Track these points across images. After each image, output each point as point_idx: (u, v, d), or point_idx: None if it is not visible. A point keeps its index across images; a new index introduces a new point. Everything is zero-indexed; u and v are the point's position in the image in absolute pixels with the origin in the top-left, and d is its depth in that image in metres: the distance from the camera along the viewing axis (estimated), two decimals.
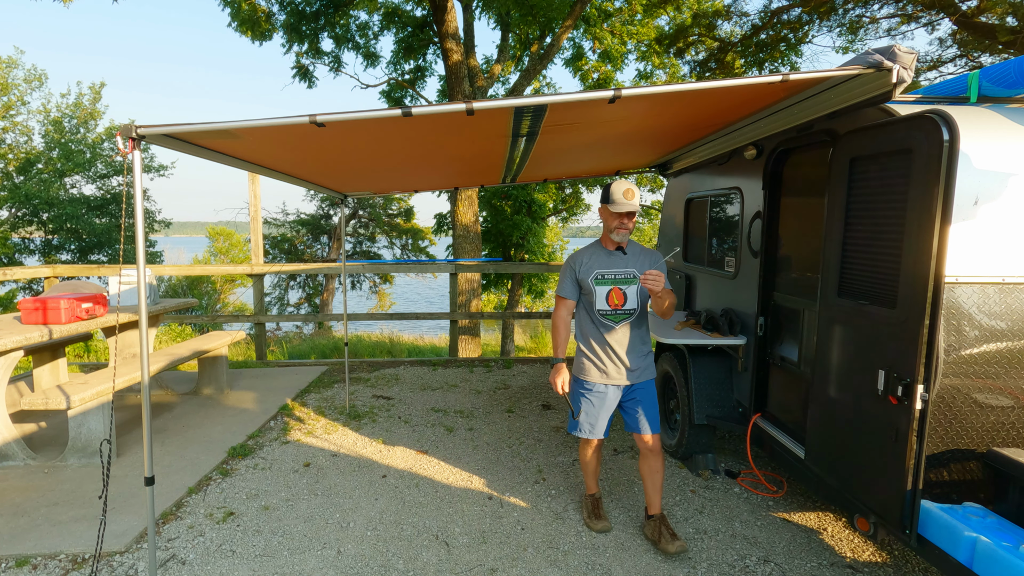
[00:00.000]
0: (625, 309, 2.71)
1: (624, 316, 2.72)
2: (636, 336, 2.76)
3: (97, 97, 13.51)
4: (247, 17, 8.76)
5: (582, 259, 2.76)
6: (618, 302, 2.70)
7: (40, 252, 12.74)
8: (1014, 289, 2.14)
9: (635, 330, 2.76)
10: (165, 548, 2.80)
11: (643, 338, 2.81)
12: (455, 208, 9.03)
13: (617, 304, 2.70)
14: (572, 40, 10.91)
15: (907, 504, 2.10)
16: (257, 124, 2.17)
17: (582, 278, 2.74)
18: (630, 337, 2.74)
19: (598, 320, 2.74)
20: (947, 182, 1.94)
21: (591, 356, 2.78)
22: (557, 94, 2.17)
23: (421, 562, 2.71)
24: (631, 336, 2.74)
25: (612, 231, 2.66)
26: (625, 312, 2.72)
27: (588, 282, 2.72)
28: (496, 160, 3.94)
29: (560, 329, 2.84)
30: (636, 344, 2.76)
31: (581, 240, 40.51)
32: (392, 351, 9.78)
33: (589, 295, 2.74)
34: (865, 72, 2.18)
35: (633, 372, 2.76)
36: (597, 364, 2.77)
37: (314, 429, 4.44)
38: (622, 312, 2.72)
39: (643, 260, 2.73)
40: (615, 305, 2.70)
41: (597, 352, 2.76)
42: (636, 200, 2.55)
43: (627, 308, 2.71)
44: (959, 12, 7.07)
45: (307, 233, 16.69)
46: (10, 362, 3.67)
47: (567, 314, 2.84)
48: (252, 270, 6.59)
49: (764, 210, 3.35)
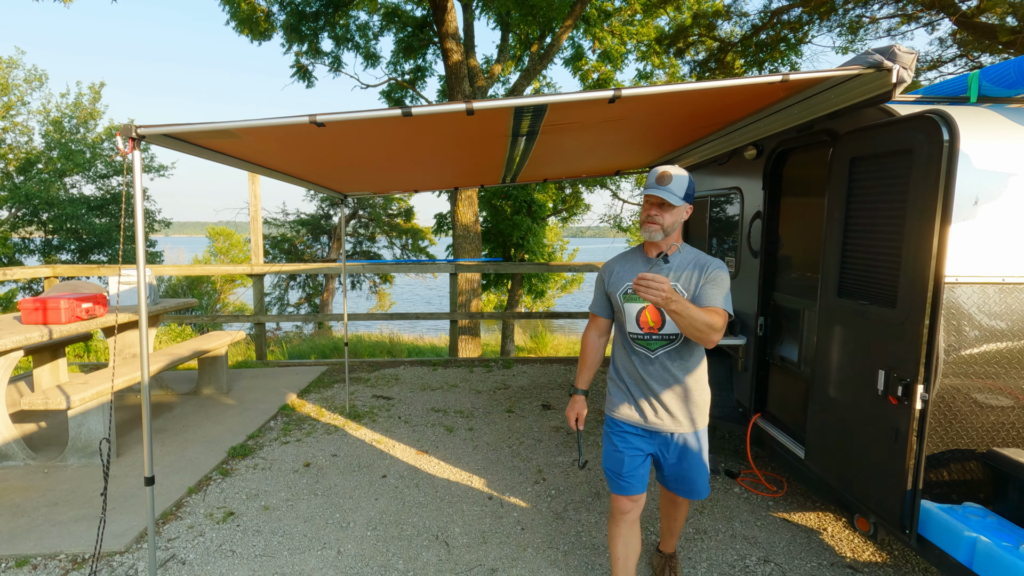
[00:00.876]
0: (664, 334, 2.07)
1: (662, 343, 2.08)
2: (681, 369, 2.09)
3: (97, 97, 13.52)
4: (246, 16, 8.77)
5: (613, 268, 2.19)
6: (653, 324, 2.07)
7: (40, 252, 12.75)
8: (1014, 289, 2.14)
9: (680, 361, 2.09)
10: (165, 548, 2.80)
11: (693, 373, 2.12)
12: (455, 208, 9.03)
13: (652, 326, 2.07)
14: (572, 40, 10.91)
15: (907, 504, 2.10)
16: (257, 124, 2.17)
17: (611, 291, 2.17)
18: (674, 371, 2.09)
19: (630, 347, 2.15)
20: (947, 182, 1.94)
21: (623, 389, 2.20)
22: (557, 94, 2.17)
23: (421, 562, 2.70)
24: (675, 369, 2.09)
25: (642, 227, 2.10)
26: (664, 338, 2.07)
27: (616, 297, 2.15)
28: (496, 160, 3.94)
29: (587, 352, 2.29)
30: (682, 381, 2.10)
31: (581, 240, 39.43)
32: (392, 351, 9.78)
33: (619, 314, 2.16)
34: (865, 72, 2.18)
35: (676, 418, 2.11)
36: (629, 400, 2.17)
37: (314, 429, 4.43)
38: (659, 338, 2.07)
39: (690, 272, 2.04)
40: (649, 327, 2.07)
41: (629, 386, 2.17)
42: (674, 185, 1.96)
43: (666, 332, 2.06)
44: (959, 12, 7.07)
45: (307, 233, 16.69)
46: (10, 362, 3.66)
47: (597, 336, 2.29)
48: (252, 270, 6.59)
49: (764, 210, 3.35)
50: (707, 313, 1.84)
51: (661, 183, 1.96)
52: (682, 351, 2.09)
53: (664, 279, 1.72)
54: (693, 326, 1.81)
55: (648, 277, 1.73)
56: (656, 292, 1.71)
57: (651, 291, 1.71)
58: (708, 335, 1.84)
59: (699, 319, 1.80)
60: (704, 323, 1.81)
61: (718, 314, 1.88)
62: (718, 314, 1.88)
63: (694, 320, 1.79)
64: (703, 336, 1.85)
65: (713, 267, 2.02)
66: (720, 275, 2.00)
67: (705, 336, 1.85)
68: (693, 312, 1.78)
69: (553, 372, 6.21)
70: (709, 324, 1.82)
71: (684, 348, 2.09)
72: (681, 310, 1.76)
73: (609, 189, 14.11)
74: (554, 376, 6.04)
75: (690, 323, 1.80)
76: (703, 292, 1.97)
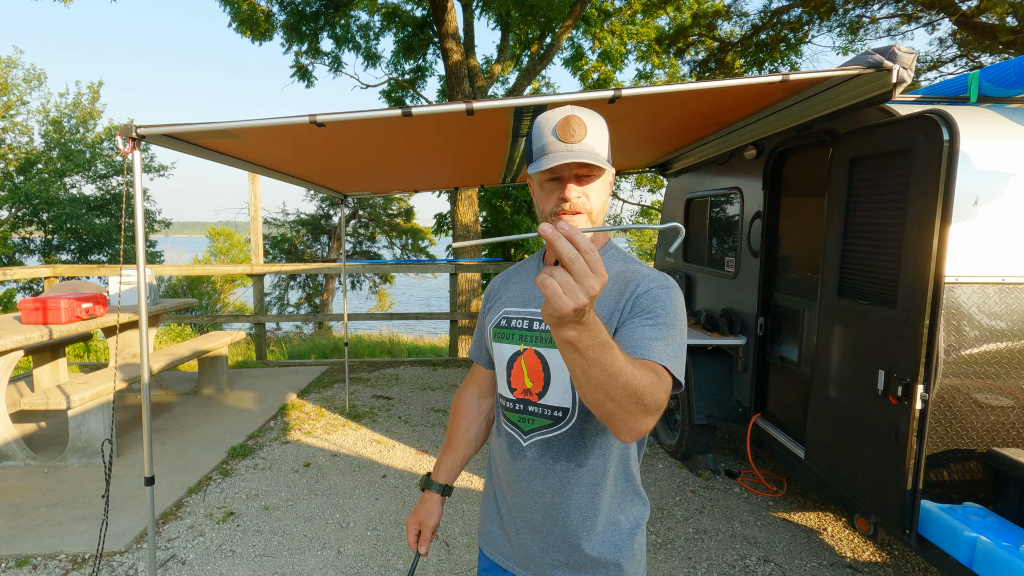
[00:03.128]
0: (545, 404, 1.12)
1: (541, 422, 1.13)
2: (566, 479, 1.11)
3: (96, 97, 13.51)
4: (247, 17, 8.77)
5: (497, 286, 1.30)
6: (531, 383, 1.13)
7: (40, 252, 12.75)
8: (1014, 289, 2.14)
9: (565, 463, 1.11)
10: (165, 548, 2.80)
11: (591, 488, 1.11)
12: (455, 208, 9.03)
13: (529, 388, 1.13)
14: (572, 40, 10.90)
15: (907, 504, 2.10)
16: (257, 124, 2.18)
17: (486, 322, 1.27)
18: (551, 478, 1.12)
19: (499, 423, 1.24)
20: (947, 182, 1.95)
21: (490, 495, 1.30)
22: (557, 94, 2.18)
23: (421, 562, 2.71)
24: (554, 476, 1.12)
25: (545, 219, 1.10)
26: (544, 412, 1.12)
27: (487, 332, 1.27)
28: (496, 160, 3.94)
29: (455, 423, 1.39)
30: (563, 501, 1.12)
31: None
32: (392, 351, 9.77)
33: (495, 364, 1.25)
34: (865, 72, 2.18)
35: (539, 562, 1.16)
36: (494, 515, 1.26)
37: (314, 429, 4.43)
38: (536, 411, 1.13)
39: (607, 290, 1.10)
40: (524, 390, 1.14)
41: (497, 491, 1.26)
42: (592, 138, 1.04)
43: (548, 403, 1.12)
44: (959, 12, 7.07)
45: (307, 233, 16.69)
46: (10, 362, 3.66)
47: (475, 397, 1.39)
48: (252, 270, 6.59)
49: (764, 210, 3.35)
50: (634, 365, 0.83)
51: (573, 138, 1.03)
52: (572, 443, 1.10)
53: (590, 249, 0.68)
54: (600, 386, 0.80)
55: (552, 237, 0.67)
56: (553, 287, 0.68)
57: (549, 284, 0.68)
58: (628, 411, 0.83)
59: (615, 374, 0.79)
60: (625, 385, 0.80)
61: (653, 372, 0.90)
62: (653, 372, 0.90)
63: (606, 373, 0.78)
64: (618, 412, 0.83)
65: (648, 284, 1.06)
66: (661, 299, 1.04)
67: (623, 412, 0.84)
68: (607, 357, 0.78)
69: None
70: (633, 390, 0.81)
71: (577, 438, 1.10)
72: (587, 343, 0.75)
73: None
74: None
75: (596, 378, 0.79)
76: (629, 330, 1.01)
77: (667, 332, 1.01)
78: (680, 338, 1.03)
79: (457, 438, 1.37)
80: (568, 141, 1.03)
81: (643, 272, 1.11)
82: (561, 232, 0.67)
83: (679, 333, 1.04)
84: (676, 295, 1.07)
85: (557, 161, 1.02)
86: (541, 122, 1.08)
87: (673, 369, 0.97)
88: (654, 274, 1.11)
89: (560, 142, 1.04)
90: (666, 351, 0.98)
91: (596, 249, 0.69)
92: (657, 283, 1.07)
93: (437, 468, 1.37)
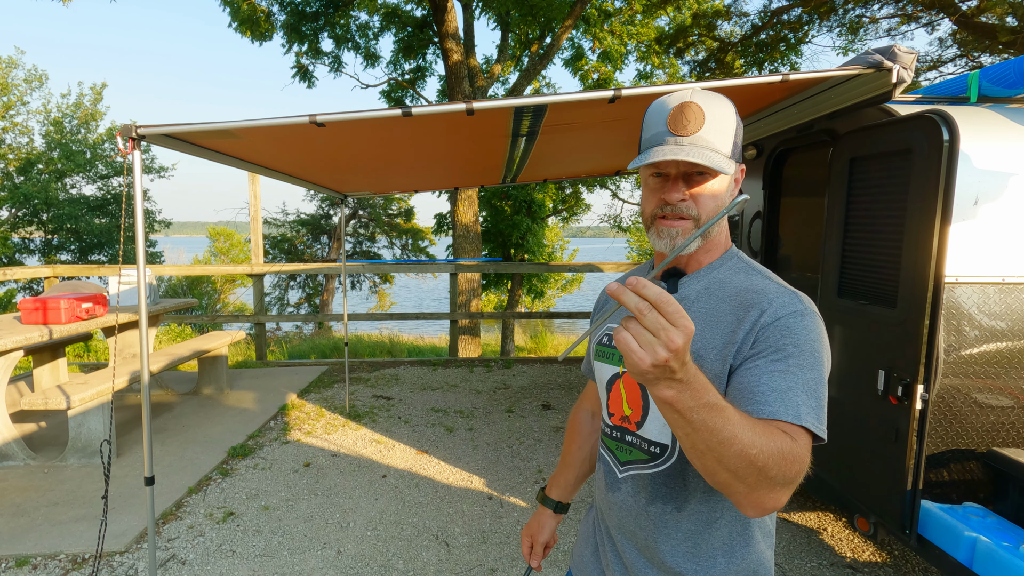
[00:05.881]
0: (642, 437, 0.98)
1: (639, 457, 0.99)
2: (663, 518, 0.96)
3: (98, 98, 13.52)
4: (247, 17, 8.78)
5: (605, 295, 1.10)
6: (630, 410, 1.01)
7: (40, 252, 12.75)
8: (1014, 289, 2.14)
9: (662, 504, 0.96)
10: (165, 548, 2.80)
11: (696, 537, 0.95)
12: (455, 208, 9.03)
13: (628, 415, 1.01)
14: (572, 40, 10.91)
15: (907, 504, 2.11)
16: (257, 124, 2.18)
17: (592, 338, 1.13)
18: (646, 516, 0.98)
19: (601, 448, 1.11)
20: (947, 182, 1.95)
21: (589, 523, 1.21)
22: (557, 94, 2.18)
23: (421, 562, 2.70)
24: (649, 514, 0.98)
25: (649, 227, 0.97)
26: (641, 446, 0.99)
27: (589, 352, 1.16)
28: (496, 160, 3.94)
29: (570, 439, 1.34)
30: (658, 538, 0.97)
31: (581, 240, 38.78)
32: (392, 351, 9.77)
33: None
34: (865, 72, 2.18)
35: None
36: (588, 540, 1.18)
37: (314, 429, 4.43)
38: (634, 441, 1.00)
39: (722, 316, 0.90)
40: (622, 416, 1.02)
41: (596, 520, 1.17)
42: (711, 131, 0.89)
43: (646, 435, 0.97)
44: (959, 12, 7.07)
45: (307, 233, 16.69)
46: (10, 362, 3.66)
47: (588, 414, 1.34)
48: (252, 270, 6.59)
49: (764, 210, 3.35)
50: (755, 430, 0.71)
51: (685, 130, 0.89)
52: (671, 483, 0.95)
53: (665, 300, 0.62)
54: (710, 452, 0.70)
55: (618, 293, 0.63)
56: (627, 342, 0.63)
57: (622, 337, 0.64)
58: (748, 483, 0.71)
59: (728, 441, 0.68)
60: (741, 454, 0.69)
61: (786, 435, 0.75)
62: (786, 435, 0.75)
63: (716, 438, 0.68)
64: (735, 484, 0.72)
65: (776, 311, 0.86)
66: (795, 331, 0.84)
67: (741, 485, 0.72)
68: (716, 421, 0.67)
69: (553, 372, 6.21)
70: (753, 460, 0.69)
71: (677, 479, 0.95)
72: (688, 404, 0.66)
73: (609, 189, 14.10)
74: (554, 376, 6.03)
75: (704, 443, 0.69)
76: (753, 375, 0.83)
77: (803, 377, 0.80)
78: (820, 384, 0.82)
79: (571, 455, 1.33)
80: (679, 133, 0.88)
81: (769, 293, 0.88)
82: (629, 288, 0.62)
83: (818, 376, 0.82)
84: (815, 323, 0.85)
85: (657, 157, 0.88)
86: (656, 107, 0.93)
87: (815, 428, 0.78)
88: (784, 295, 0.88)
89: (670, 134, 0.90)
90: (803, 405, 0.78)
91: (673, 299, 0.62)
92: (788, 309, 0.85)
93: (551, 484, 1.35)
